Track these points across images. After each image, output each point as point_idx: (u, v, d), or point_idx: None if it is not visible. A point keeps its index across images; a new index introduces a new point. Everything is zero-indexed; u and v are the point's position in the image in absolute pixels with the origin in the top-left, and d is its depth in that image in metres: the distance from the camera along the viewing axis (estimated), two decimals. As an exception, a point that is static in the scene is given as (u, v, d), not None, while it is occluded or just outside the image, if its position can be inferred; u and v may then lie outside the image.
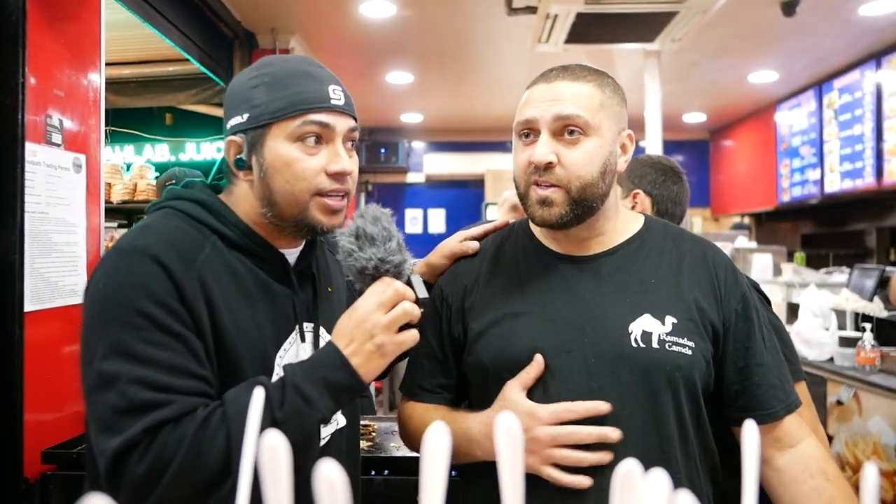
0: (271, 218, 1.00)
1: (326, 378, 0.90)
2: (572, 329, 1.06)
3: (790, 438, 1.10)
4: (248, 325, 0.96)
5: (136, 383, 0.84)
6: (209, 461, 0.83)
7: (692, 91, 6.48)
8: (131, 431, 0.82)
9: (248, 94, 0.99)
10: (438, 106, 7.09)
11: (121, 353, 0.85)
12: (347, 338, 0.92)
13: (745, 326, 1.10)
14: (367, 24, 4.47)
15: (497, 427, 0.39)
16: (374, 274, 0.95)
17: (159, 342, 0.87)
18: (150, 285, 0.88)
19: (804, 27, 4.57)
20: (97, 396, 0.86)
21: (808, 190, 6.30)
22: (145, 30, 3.24)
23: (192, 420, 0.85)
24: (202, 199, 1.01)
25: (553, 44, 4.06)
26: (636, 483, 0.37)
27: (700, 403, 1.08)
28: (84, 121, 2.05)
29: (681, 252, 1.14)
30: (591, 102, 1.06)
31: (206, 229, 0.98)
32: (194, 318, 0.90)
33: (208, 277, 0.93)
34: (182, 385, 0.87)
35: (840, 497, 1.05)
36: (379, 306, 0.93)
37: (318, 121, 0.97)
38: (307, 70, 1.00)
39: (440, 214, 8.73)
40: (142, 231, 0.95)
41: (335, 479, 0.31)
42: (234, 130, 1.00)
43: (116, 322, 0.86)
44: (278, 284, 1.02)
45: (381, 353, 0.92)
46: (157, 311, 0.87)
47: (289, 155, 0.97)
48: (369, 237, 0.95)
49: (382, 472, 1.78)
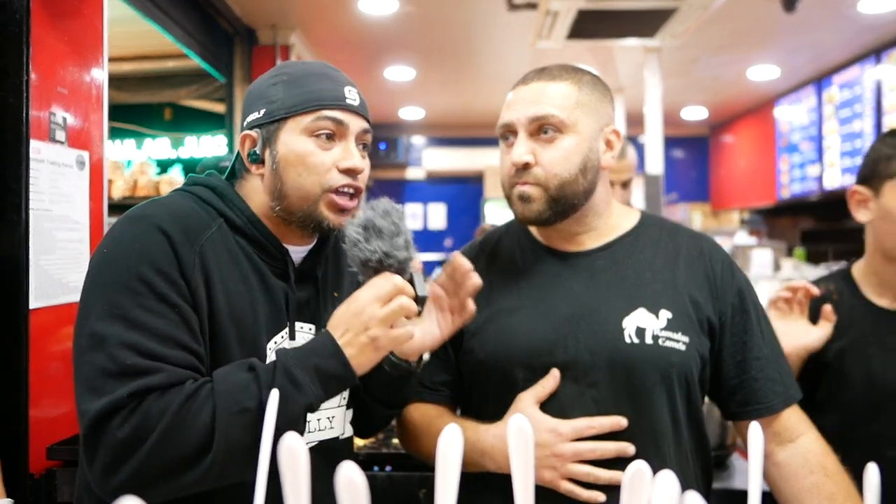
0: (280, 212, 1.01)
1: (318, 366, 0.89)
2: (567, 324, 1.07)
3: (790, 433, 1.11)
4: (243, 309, 0.96)
5: (128, 348, 0.85)
6: (191, 435, 0.83)
7: (692, 87, 6.48)
8: (116, 394, 0.83)
9: (266, 91, 1.02)
10: (439, 102, 7.08)
11: (116, 316, 0.86)
12: (343, 327, 0.92)
13: (741, 320, 1.11)
14: (368, 20, 4.47)
15: (510, 428, 0.40)
16: (377, 267, 0.94)
17: (155, 310, 0.87)
18: (152, 253, 0.89)
19: (804, 23, 4.57)
20: (87, 357, 0.86)
21: (808, 186, 6.30)
22: (145, 25, 3.24)
23: (179, 392, 0.85)
24: (215, 184, 1.03)
25: (554, 40, 4.05)
26: (645, 483, 0.38)
27: (693, 398, 1.09)
28: (87, 117, 2.06)
29: (677, 246, 1.14)
30: (567, 101, 1.07)
31: (215, 212, 1.00)
32: (192, 291, 0.91)
33: (209, 256, 0.94)
34: (173, 355, 0.87)
35: (839, 493, 1.06)
36: (376, 299, 0.92)
37: (332, 117, 0.99)
38: (325, 72, 1.03)
39: (440, 210, 8.73)
40: (153, 203, 0.98)
41: (356, 479, 0.32)
42: (251, 126, 1.02)
43: (116, 285, 0.88)
44: (275, 278, 1.02)
45: (375, 346, 0.92)
46: (157, 279, 0.88)
47: (302, 148, 0.99)
48: (377, 229, 0.95)
49: (385, 468, 1.79)
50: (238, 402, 0.85)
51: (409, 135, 8.54)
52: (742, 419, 1.12)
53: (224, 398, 0.85)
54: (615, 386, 1.04)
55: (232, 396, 0.85)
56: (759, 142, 7.45)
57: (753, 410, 1.10)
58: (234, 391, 0.86)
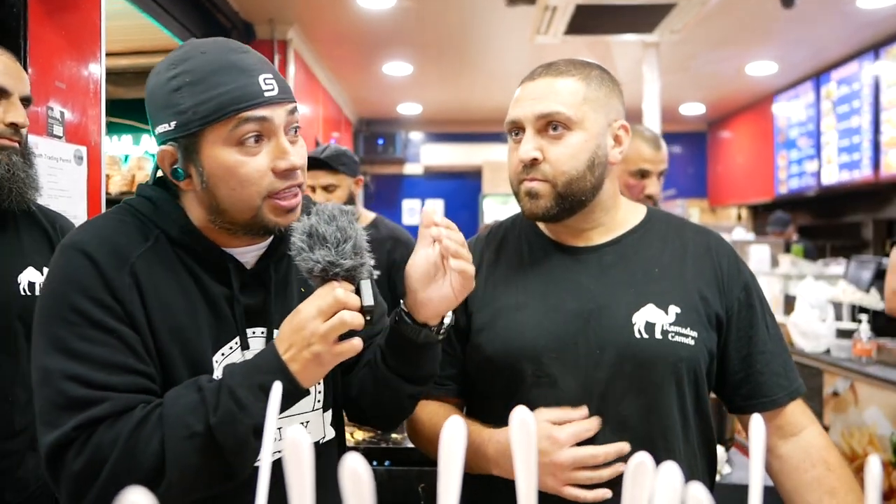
0: (221, 224, 0.95)
1: (263, 384, 0.86)
2: (576, 320, 1.07)
3: (792, 427, 1.12)
4: (183, 324, 0.92)
5: (72, 380, 0.85)
6: (142, 463, 0.82)
7: (690, 82, 6.48)
8: (64, 428, 0.83)
9: (170, 98, 0.90)
10: (437, 97, 7.07)
11: (59, 350, 0.86)
12: (287, 343, 0.88)
13: (747, 315, 1.12)
14: (366, 15, 4.46)
15: (512, 421, 0.40)
16: (323, 276, 0.89)
17: (94, 338, 0.86)
18: (81, 281, 0.88)
19: (803, 18, 4.57)
20: (39, 391, 0.87)
21: (806, 182, 6.31)
22: (142, 20, 3.23)
23: (128, 420, 0.84)
24: (150, 195, 0.98)
25: (552, 35, 4.05)
26: (648, 475, 0.38)
27: (701, 392, 1.10)
28: (85, 112, 2.05)
29: (684, 242, 1.15)
30: (574, 98, 1.07)
31: (153, 225, 0.95)
32: (128, 313, 0.88)
33: (143, 273, 0.90)
34: (118, 382, 0.86)
35: (841, 487, 1.06)
36: (318, 313, 0.86)
37: (254, 117, 0.89)
38: (231, 60, 0.91)
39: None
40: (82, 228, 0.96)
41: (360, 471, 0.32)
42: (164, 139, 0.92)
43: (55, 318, 0.87)
44: (218, 285, 0.97)
45: (318, 362, 0.88)
46: (90, 305, 0.87)
47: (229, 160, 0.90)
48: (321, 237, 0.89)
49: (384, 463, 1.80)
50: (187, 425, 0.83)
51: (407, 130, 8.53)
52: (747, 412, 1.13)
53: (172, 423, 0.83)
54: (624, 381, 1.04)
55: (181, 420, 0.83)
56: (757, 138, 7.46)
57: (759, 404, 1.11)
58: (182, 414, 0.84)
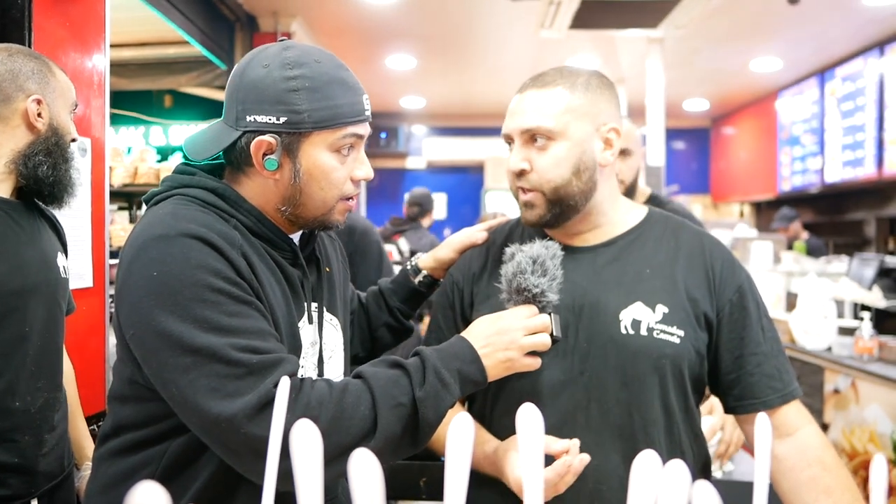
0: (289, 216, 1.04)
1: (461, 369, 0.98)
2: (569, 314, 1.12)
3: (788, 427, 1.13)
4: (278, 301, 1.01)
5: (241, 350, 0.87)
6: (354, 425, 0.88)
7: (694, 78, 6.46)
8: (262, 388, 0.85)
9: (286, 96, 0.97)
10: (440, 91, 7.07)
11: (211, 329, 0.87)
12: (485, 340, 1.01)
13: (740, 316, 1.13)
14: (369, 8, 4.45)
15: (519, 418, 0.40)
16: (526, 297, 1.04)
17: (240, 313, 0.90)
18: (210, 263, 0.90)
19: (808, 15, 4.56)
20: (196, 373, 0.86)
21: (809, 179, 6.31)
22: (146, 11, 3.23)
23: (325, 384, 0.90)
24: (213, 186, 1.01)
25: (556, 29, 4.04)
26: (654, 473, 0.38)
27: (687, 391, 1.12)
28: (89, 104, 2.05)
29: (679, 243, 1.18)
30: (556, 109, 1.11)
31: (227, 215, 1.00)
32: (253, 289, 0.95)
33: (248, 256, 0.97)
34: (274, 346, 0.92)
35: (837, 486, 1.07)
36: (525, 328, 1.02)
37: (356, 133, 1.02)
38: (343, 78, 1.01)
39: (441, 200, 8.72)
40: (175, 218, 0.95)
41: (369, 463, 0.33)
42: (260, 129, 0.98)
43: (193, 302, 0.88)
44: (291, 267, 1.06)
45: (507, 366, 1.01)
46: (225, 284, 0.90)
47: (328, 164, 1.01)
48: (544, 268, 1.04)
49: (386, 456, 1.80)
50: (393, 396, 0.92)
51: (410, 124, 8.53)
52: (739, 413, 1.16)
53: (381, 392, 0.91)
54: (608, 374, 1.09)
55: (387, 391, 0.92)
56: (760, 134, 7.44)
57: (749, 405, 1.13)
58: (386, 386, 0.92)
